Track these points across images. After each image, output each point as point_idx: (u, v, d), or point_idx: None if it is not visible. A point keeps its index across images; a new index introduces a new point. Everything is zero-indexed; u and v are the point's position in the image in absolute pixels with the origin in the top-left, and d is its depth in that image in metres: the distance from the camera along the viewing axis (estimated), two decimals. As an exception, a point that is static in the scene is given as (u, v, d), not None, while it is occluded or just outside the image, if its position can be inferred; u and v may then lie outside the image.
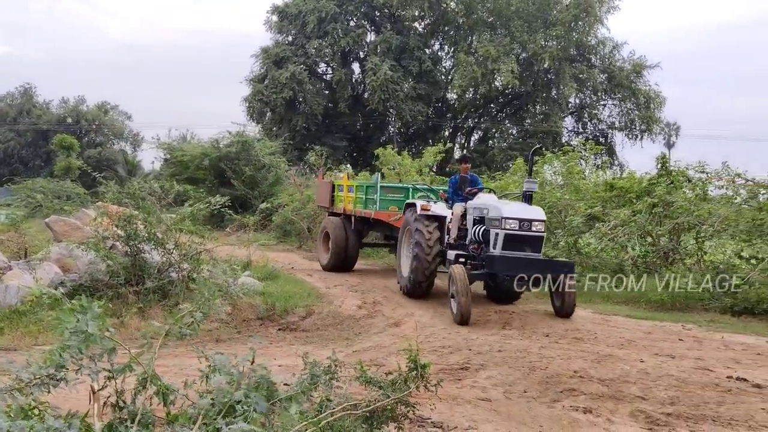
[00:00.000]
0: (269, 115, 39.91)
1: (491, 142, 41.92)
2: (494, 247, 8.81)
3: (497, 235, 8.76)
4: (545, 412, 5.03)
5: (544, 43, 36.30)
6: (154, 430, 2.97)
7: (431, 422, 4.58)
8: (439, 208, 10.38)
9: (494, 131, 43.13)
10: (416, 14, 39.33)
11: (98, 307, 2.82)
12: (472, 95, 39.53)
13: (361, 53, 41.50)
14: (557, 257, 11.55)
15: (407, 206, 11.12)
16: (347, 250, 13.72)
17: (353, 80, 41.74)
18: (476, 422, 4.69)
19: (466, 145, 43.39)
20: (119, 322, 7.42)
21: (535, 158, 11.27)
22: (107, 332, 2.82)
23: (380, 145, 31.50)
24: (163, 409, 3.09)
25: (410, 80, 37.96)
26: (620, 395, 5.49)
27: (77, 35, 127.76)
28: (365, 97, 40.02)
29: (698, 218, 11.19)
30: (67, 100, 59.55)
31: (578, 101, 40.14)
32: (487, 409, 5.07)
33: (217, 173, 27.12)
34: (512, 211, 8.85)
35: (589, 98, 39.44)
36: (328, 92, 41.65)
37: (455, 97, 41.46)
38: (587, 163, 20.09)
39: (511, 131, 42.63)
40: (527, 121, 40.91)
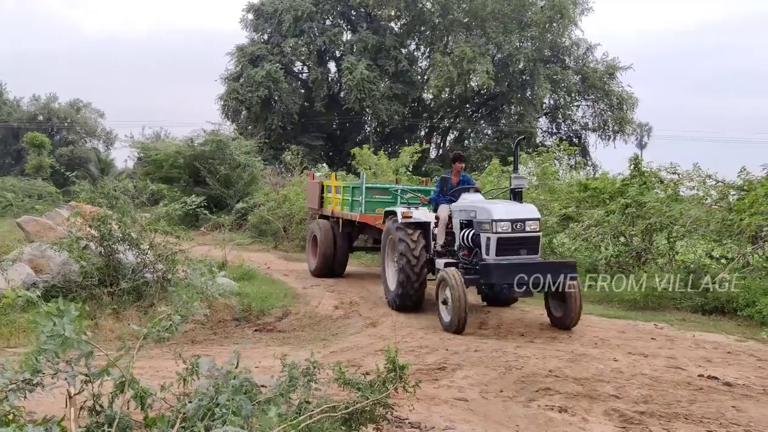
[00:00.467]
0: (244, 113, 39.67)
1: (467, 142, 42.13)
2: (487, 252, 8.09)
3: (489, 239, 8.04)
4: (521, 411, 5.08)
5: (519, 44, 36.64)
6: (131, 434, 2.96)
7: (409, 423, 4.59)
8: (421, 213, 9.66)
9: (470, 131, 43.37)
10: (392, 14, 39.41)
11: (75, 310, 2.79)
12: (447, 95, 39.69)
13: (337, 52, 41.46)
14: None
15: (387, 214, 10.39)
16: (336, 254, 13.08)
17: (329, 79, 41.68)
18: (453, 422, 4.72)
19: (442, 145, 43.62)
20: (93, 323, 7.34)
21: (519, 152, 10.76)
22: (84, 336, 2.80)
23: (356, 144, 31.56)
24: (140, 412, 3.07)
25: (386, 80, 38.05)
26: (595, 394, 5.56)
27: (49, 31, 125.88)
28: (341, 96, 39.98)
29: (670, 219, 11.37)
30: (38, 97, 58.46)
31: (552, 102, 40.56)
32: (464, 408, 5.10)
33: (191, 172, 26.90)
34: (503, 211, 8.10)
35: (563, 99, 39.85)
36: (304, 91, 41.57)
37: (431, 97, 41.59)
38: (561, 163, 20.29)
39: (486, 131, 42.90)
40: (502, 121, 41.20)
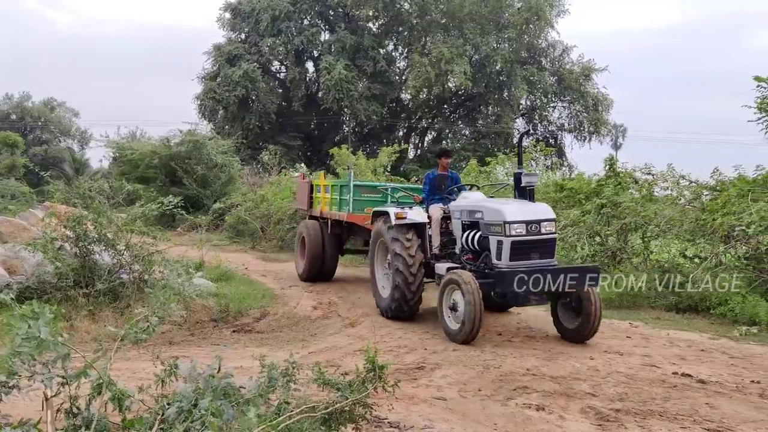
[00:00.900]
0: (222, 113, 39.45)
1: (445, 142, 42.27)
2: (498, 257, 7.40)
3: (501, 243, 7.34)
4: (499, 410, 5.12)
5: (496, 45, 36.84)
6: (109, 436, 2.94)
7: (388, 422, 4.61)
8: (416, 214, 8.82)
9: (448, 132, 43.54)
10: (370, 14, 39.40)
11: (50, 312, 2.77)
12: (426, 96, 39.81)
13: (315, 52, 41.37)
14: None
15: (376, 215, 9.69)
16: (324, 257, 12.46)
17: (307, 79, 41.58)
18: (432, 421, 4.74)
19: (420, 145, 43.75)
20: (69, 325, 7.25)
21: (522, 146, 10.04)
22: (61, 338, 2.77)
23: (335, 144, 31.50)
24: (118, 414, 3.05)
25: (365, 80, 38.02)
26: (571, 392, 5.62)
27: (23, 29, 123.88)
28: (319, 96, 39.92)
29: (644, 218, 11.52)
30: (11, 96, 57.55)
31: (529, 103, 40.83)
32: (442, 408, 5.13)
33: (168, 172, 26.71)
34: (516, 212, 7.38)
35: (539, 100, 40.13)
36: (281, 91, 41.42)
37: (409, 97, 41.71)
38: (538, 164, 20.44)
39: (464, 132, 43.10)
40: (480, 122, 41.44)
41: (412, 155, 41.38)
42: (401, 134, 42.42)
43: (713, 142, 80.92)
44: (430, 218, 8.85)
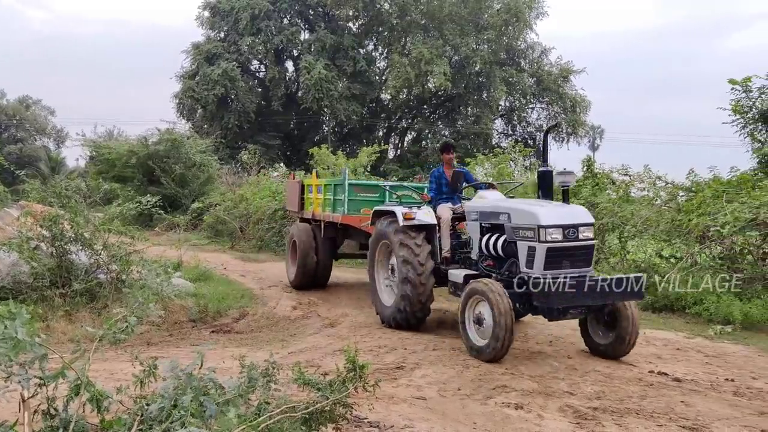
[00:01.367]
0: (200, 112, 39.17)
1: (424, 142, 42.37)
2: (529, 265, 6.60)
3: (534, 249, 6.53)
4: (478, 409, 5.14)
5: (475, 46, 37.01)
6: (87, 437, 2.91)
7: (368, 422, 4.62)
8: (425, 214, 8.12)
9: (427, 132, 43.62)
10: (350, 14, 39.36)
11: (26, 312, 2.74)
12: (405, 96, 39.88)
13: (294, 51, 41.23)
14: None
15: (377, 215, 8.94)
16: (317, 262, 11.54)
17: (287, 78, 41.41)
18: (412, 421, 4.76)
19: (400, 145, 43.80)
20: (45, 326, 7.17)
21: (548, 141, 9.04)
22: (38, 338, 2.74)
23: (314, 144, 31.46)
24: (96, 415, 3.03)
25: (344, 80, 37.98)
26: (550, 391, 5.67)
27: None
28: (299, 95, 39.78)
29: (621, 219, 11.66)
30: (-15, 93, 56.73)
31: (508, 104, 41.11)
32: (422, 407, 5.14)
33: (145, 171, 26.46)
34: (551, 215, 6.55)
35: (518, 101, 40.39)
36: (261, 90, 41.22)
37: (389, 97, 41.73)
38: (517, 164, 20.60)
39: (443, 133, 43.21)
40: (459, 122, 41.58)
41: (391, 155, 41.44)
42: (381, 134, 42.47)
43: (689, 143, 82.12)
44: (438, 219, 8.20)
